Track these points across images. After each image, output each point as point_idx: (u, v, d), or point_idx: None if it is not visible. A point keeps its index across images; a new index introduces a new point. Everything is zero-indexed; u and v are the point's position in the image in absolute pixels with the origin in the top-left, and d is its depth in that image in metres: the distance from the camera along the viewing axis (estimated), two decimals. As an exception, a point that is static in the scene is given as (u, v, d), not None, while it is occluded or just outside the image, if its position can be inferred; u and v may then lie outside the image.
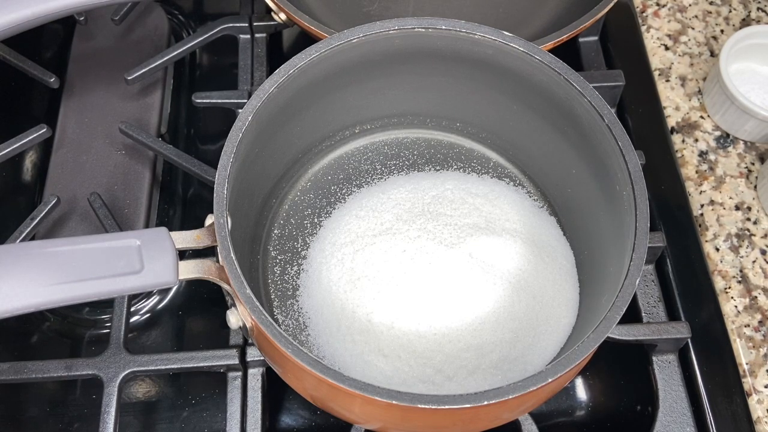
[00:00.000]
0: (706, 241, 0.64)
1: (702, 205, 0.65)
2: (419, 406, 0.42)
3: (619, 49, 0.74)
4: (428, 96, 0.63)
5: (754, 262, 0.63)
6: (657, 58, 0.73)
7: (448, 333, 0.53)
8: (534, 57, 0.54)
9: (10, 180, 0.71)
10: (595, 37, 0.73)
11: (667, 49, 0.74)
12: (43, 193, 0.67)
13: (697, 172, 0.67)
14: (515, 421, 0.55)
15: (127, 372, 0.55)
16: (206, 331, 0.64)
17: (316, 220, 0.61)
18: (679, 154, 0.68)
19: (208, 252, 0.52)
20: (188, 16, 0.81)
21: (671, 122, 0.70)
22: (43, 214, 0.62)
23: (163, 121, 0.72)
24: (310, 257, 0.59)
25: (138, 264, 0.46)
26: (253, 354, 0.56)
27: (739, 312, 0.61)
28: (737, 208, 0.65)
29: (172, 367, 0.56)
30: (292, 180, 0.63)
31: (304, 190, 0.63)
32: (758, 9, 0.76)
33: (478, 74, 0.58)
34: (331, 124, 0.63)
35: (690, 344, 0.59)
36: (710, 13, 0.76)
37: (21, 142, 0.64)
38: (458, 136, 0.65)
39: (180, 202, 0.71)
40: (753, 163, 0.67)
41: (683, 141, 0.69)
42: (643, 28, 0.75)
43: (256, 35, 0.72)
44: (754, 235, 0.64)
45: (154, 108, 0.72)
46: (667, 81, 0.72)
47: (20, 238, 0.61)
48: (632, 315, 0.60)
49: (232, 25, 0.72)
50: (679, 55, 0.73)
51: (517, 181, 0.63)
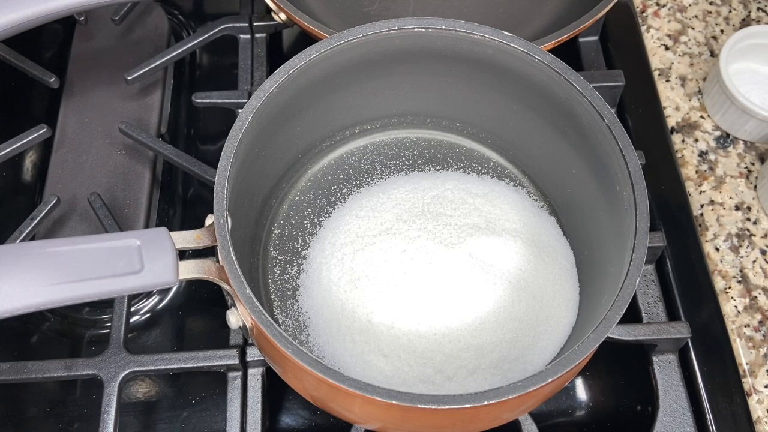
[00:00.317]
0: (706, 241, 0.64)
1: (702, 205, 0.65)
2: (419, 406, 0.42)
3: (619, 49, 0.74)
4: (428, 96, 0.63)
5: (754, 262, 0.63)
6: (657, 58, 0.73)
7: (448, 333, 0.53)
8: (534, 57, 0.54)
9: (10, 180, 0.71)
10: (595, 37, 0.73)
11: (667, 49, 0.74)
12: (43, 193, 0.67)
13: (697, 172, 0.67)
14: (515, 421, 0.55)
15: (127, 372, 0.55)
16: (206, 331, 0.64)
17: (316, 220, 0.61)
18: (679, 154, 0.68)
19: (208, 252, 0.52)
20: (188, 16, 0.81)
21: (671, 122, 0.70)
22: (43, 214, 0.62)
23: (163, 121, 0.72)
24: (310, 257, 0.59)
25: (138, 264, 0.46)
26: (253, 354, 0.56)
27: (739, 312, 0.61)
28: (737, 208, 0.65)
29: (172, 367, 0.56)
30: (292, 180, 0.63)
31: (304, 190, 0.63)
32: (758, 9, 0.76)
33: (478, 74, 0.58)
34: (331, 124, 0.63)
35: (690, 344, 0.59)
36: (710, 13, 0.76)
37: (21, 142, 0.64)
38: (458, 136, 0.65)
39: (180, 202, 0.71)
40: (753, 163, 0.67)
41: (683, 141, 0.69)
42: (643, 28, 0.75)
43: (256, 35, 0.72)
44: (754, 235, 0.64)
45: (154, 108, 0.72)
46: (667, 81, 0.72)
47: (20, 238, 0.61)
48: (632, 315, 0.60)
49: (232, 25, 0.72)
50: (679, 55, 0.73)
51: (517, 181, 0.63)
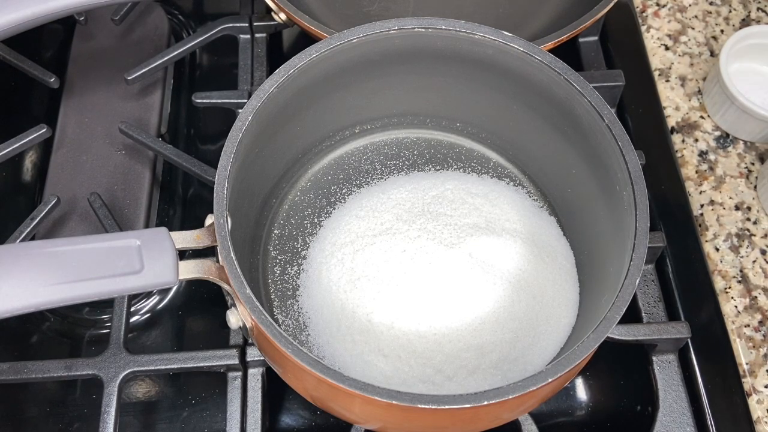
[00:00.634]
0: (706, 241, 0.64)
1: (702, 205, 0.65)
2: (419, 406, 0.42)
3: (619, 49, 0.74)
4: (428, 96, 0.63)
5: (754, 262, 0.63)
6: (657, 58, 0.73)
7: (448, 333, 0.53)
8: (534, 57, 0.54)
9: (10, 180, 0.71)
10: (595, 37, 0.73)
11: (667, 49, 0.74)
12: (43, 193, 0.67)
13: (697, 172, 0.67)
14: (515, 421, 0.55)
15: (127, 372, 0.55)
16: (206, 331, 0.64)
17: (316, 220, 0.61)
18: (679, 154, 0.68)
19: (208, 252, 0.52)
20: (188, 16, 0.81)
21: (671, 122, 0.70)
22: (43, 214, 0.62)
23: (163, 121, 0.72)
24: (310, 257, 0.59)
25: (138, 264, 0.46)
26: (253, 354, 0.56)
27: (739, 312, 0.61)
28: (737, 208, 0.65)
29: (172, 367, 0.56)
30: (292, 180, 0.63)
31: (304, 190, 0.63)
32: (758, 9, 0.76)
33: (478, 74, 0.58)
34: (331, 124, 0.63)
35: (690, 344, 0.59)
36: (710, 13, 0.76)
37: (21, 142, 0.64)
38: (458, 136, 0.65)
39: (180, 202, 0.71)
40: (753, 163, 0.67)
41: (683, 141, 0.69)
42: (643, 28, 0.75)
43: (256, 35, 0.72)
44: (754, 235, 0.64)
45: (154, 108, 0.72)
46: (667, 81, 0.72)
47: (20, 238, 0.61)
48: (632, 315, 0.60)
49: (232, 25, 0.72)
50: (679, 55, 0.73)
51: (517, 181, 0.63)
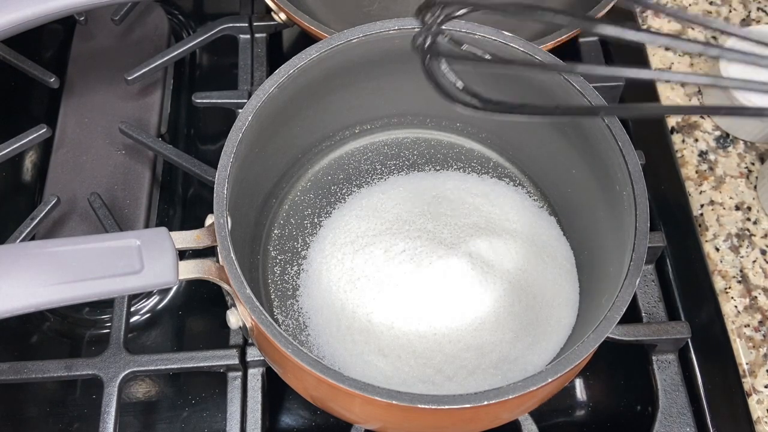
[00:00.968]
0: (706, 241, 0.64)
1: (702, 205, 0.65)
2: (419, 406, 0.42)
3: (619, 49, 0.74)
4: (428, 96, 0.62)
5: (754, 262, 0.63)
6: (657, 58, 0.73)
7: (448, 333, 0.53)
8: (534, 57, 0.54)
9: (10, 180, 0.71)
10: (595, 38, 0.73)
11: (668, 49, 0.74)
12: (43, 193, 0.67)
13: (697, 172, 0.67)
14: (515, 421, 0.55)
15: (127, 372, 0.55)
16: (206, 331, 0.64)
17: (316, 220, 0.61)
18: (679, 154, 0.68)
19: (208, 252, 0.52)
20: (188, 16, 0.81)
21: (671, 122, 0.70)
22: (43, 214, 0.62)
23: (163, 121, 0.72)
24: (310, 257, 0.59)
25: (138, 264, 0.46)
26: (253, 354, 0.56)
27: (739, 312, 0.61)
28: (737, 208, 0.65)
29: (172, 367, 0.56)
30: (292, 180, 0.63)
31: (304, 190, 0.63)
32: (758, 9, 0.76)
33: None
34: (331, 124, 0.63)
35: (690, 344, 0.59)
36: (710, 13, 0.76)
37: (21, 142, 0.64)
38: (458, 136, 0.65)
39: (180, 202, 0.70)
40: (753, 163, 0.67)
41: (683, 141, 0.69)
42: (644, 28, 0.75)
43: (256, 35, 0.72)
44: (754, 235, 0.64)
45: (154, 108, 0.72)
46: (667, 81, 0.72)
47: (20, 238, 0.61)
48: (632, 315, 0.60)
49: (232, 25, 0.72)
50: (680, 55, 0.73)
51: (517, 181, 0.63)
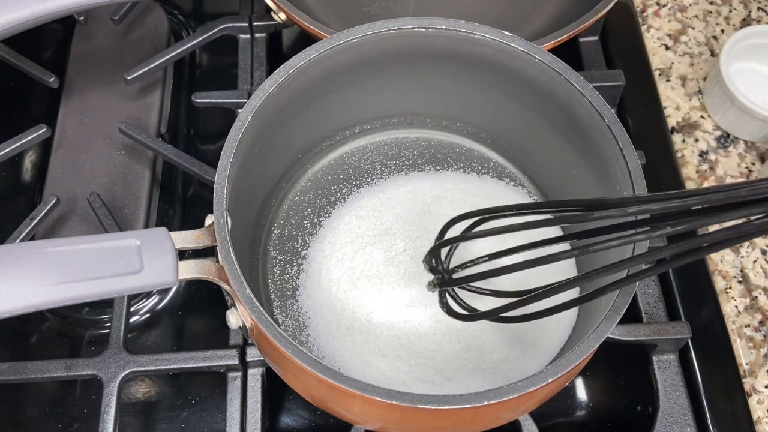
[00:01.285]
0: (707, 241, 0.64)
1: (702, 205, 0.65)
2: (419, 406, 0.42)
3: (620, 49, 0.74)
4: (428, 96, 0.62)
5: (755, 262, 0.63)
6: (657, 57, 0.73)
7: (448, 333, 0.53)
8: (534, 57, 0.54)
9: (10, 180, 0.71)
10: (596, 37, 0.73)
11: (668, 48, 0.74)
12: (43, 193, 0.67)
13: (697, 172, 0.67)
14: (515, 421, 0.54)
15: (126, 372, 0.55)
16: (206, 331, 0.64)
17: (316, 220, 0.61)
18: (679, 154, 0.68)
19: (208, 252, 0.52)
20: (188, 16, 0.80)
21: (671, 122, 0.70)
22: (43, 214, 0.62)
23: (162, 121, 0.72)
24: (310, 257, 0.59)
25: (138, 264, 0.46)
26: (253, 354, 0.56)
27: (739, 312, 0.61)
28: (737, 208, 0.65)
29: (172, 367, 0.56)
30: (292, 180, 0.63)
31: (304, 190, 0.62)
32: (758, 9, 0.76)
33: (478, 74, 0.58)
34: (331, 124, 0.63)
35: (690, 344, 0.59)
36: (710, 12, 0.76)
37: (21, 142, 0.64)
38: (458, 136, 0.65)
39: (180, 202, 0.70)
40: (753, 163, 0.67)
41: (683, 141, 0.69)
42: (644, 28, 0.75)
43: (256, 35, 0.72)
44: (755, 235, 0.64)
45: (153, 108, 0.71)
46: (668, 81, 0.72)
47: (20, 238, 0.61)
48: (632, 315, 0.60)
49: (232, 25, 0.72)
50: (680, 55, 0.73)
51: (517, 181, 0.63)
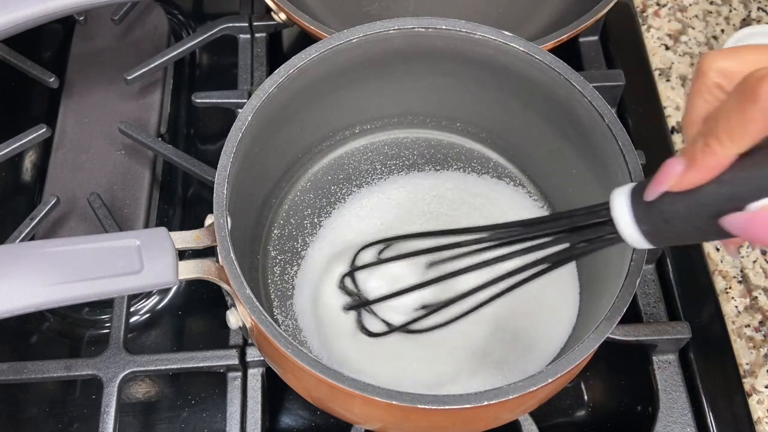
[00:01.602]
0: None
1: (702, 205, 0.65)
2: (419, 406, 0.42)
3: (620, 49, 0.74)
4: (428, 96, 0.62)
5: (755, 262, 0.63)
6: (657, 57, 0.73)
7: (449, 334, 0.53)
8: (534, 57, 0.54)
9: (10, 180, 0.71)
10: (596, 37, 0.73)
11: (668, 48, 0.74)
12: (43, 193, 0.67)
13: (697, 172, 0.67)
14: (515, 421, 0.54)
15: (126, 372, 0.55)
16: (206, 331, 0.64)
17: (316, 220, 0.61)
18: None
19: (208, 252, 0.52)
20: (188, 16, 0.80)
21: (671, 122, 0.70)
22: (43, 214, 0.62)
23: (162, 121, 0.72)
24: (309, 257, 0.59)
25: (138, 264, 0.46)
26: (253, 354, 0.56)
27: (739, 312, 0.61)
28: (737, 208, 0.65)
29: (172, 367, 0.56)
30: (292, 180, 0.63)
31: (304, 190, 0.62)
32: (758, 9, 0.76)
33: (478, 74, 0.58)
34: (331, 124, 0.63)
35: (690, 344, 0.59)
36: (710, 12, 0.76)
37: (21, 142, 0.64)
38: (458, 136, 0.65)
39: (180, 202, 0.70)
40: (753, 163, 0.67)
41: (684, 141, 0.69)
42: (644, 28, 0.75)
43: (256, 35, 0.72)
44: (755, 235, 0.64)
45: (153, 108, 0.71)
46: (668, 81, 0.72)
47: (20, 238, 0.61)
48: (632, 315, 0.60)
49: (232, 24, 0.72)
50: (680, 55, 0.73)
51: (517, 181, 0.63)
